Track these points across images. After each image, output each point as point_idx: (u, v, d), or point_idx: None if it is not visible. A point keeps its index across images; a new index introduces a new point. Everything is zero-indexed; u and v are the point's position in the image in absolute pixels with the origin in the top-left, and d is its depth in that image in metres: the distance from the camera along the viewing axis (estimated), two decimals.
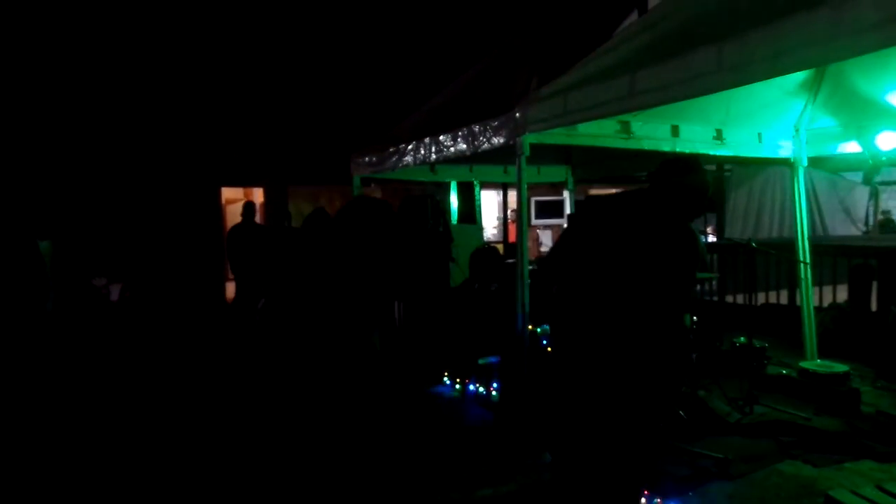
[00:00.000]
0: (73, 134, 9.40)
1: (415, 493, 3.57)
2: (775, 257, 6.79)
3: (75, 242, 9.00)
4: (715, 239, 8.89)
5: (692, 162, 2.68)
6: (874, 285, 6.64)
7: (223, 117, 10.44)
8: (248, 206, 8.33)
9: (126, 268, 9.29)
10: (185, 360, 6.91)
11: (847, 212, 8.92)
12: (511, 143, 4.23)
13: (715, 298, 8.00)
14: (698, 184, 2.58)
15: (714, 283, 7.77)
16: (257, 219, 8.63)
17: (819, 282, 6.83)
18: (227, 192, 11.76)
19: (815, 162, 5.94)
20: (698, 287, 7.03)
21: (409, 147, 5.70)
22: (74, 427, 4.84)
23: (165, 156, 10.05)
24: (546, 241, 13.37)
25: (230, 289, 10.05)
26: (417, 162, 5.65)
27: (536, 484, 3.68)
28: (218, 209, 11.11)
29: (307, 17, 10.71)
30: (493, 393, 5.01)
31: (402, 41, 11.02)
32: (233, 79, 10.41)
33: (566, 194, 8.01)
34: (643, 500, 2.82)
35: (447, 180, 9.22)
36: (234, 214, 11.17)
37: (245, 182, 11.62)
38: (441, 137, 5.16)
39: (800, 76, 4.76)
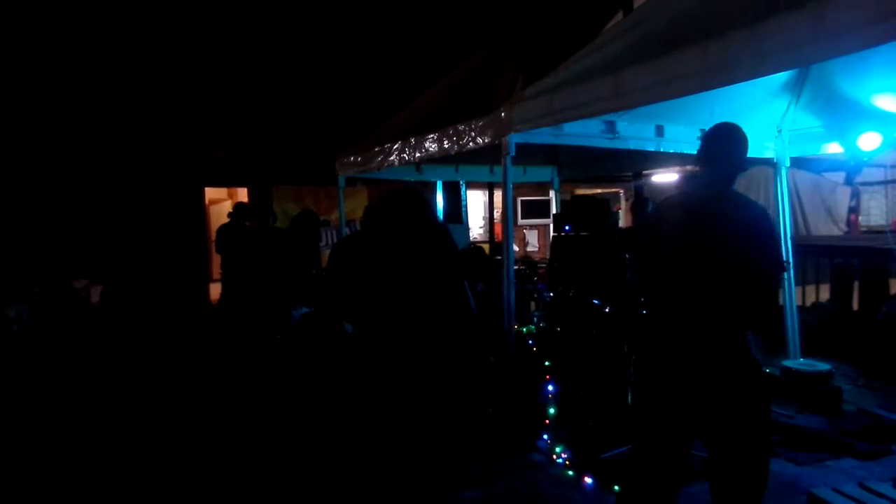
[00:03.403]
0: (52, 132, 9.26)
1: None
2: None
3: (55, 243, 8.89)
4: None
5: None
6: (856, 285, 6.71)
7: (207, 117, 10.34)
8: (239, 207, 8.29)
9: (107, 269, 9.16)
10: (168, 362, 6.83)
11: (829, 212, 9.00)
12: (497, 142, 4.22)
13: None
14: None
15: None
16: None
17: (802, 281, 6.89)
18: (211, 193, 11.65)
19: (797, 162, 5.99)
20: None
21: (395, 146, 5.67)
22: (52, 432, 4.77)
23: (148, 155, 9.93)
24: (532, 240, 13.40)
25: (214, 290, 9.97)
26: (403, 161, 5.62)
27: (524, 486, 3.67)
28: (201, 209, 11.00)
29: (293, 16, 10.64)
30: None
31: (387, 40, 10.98)
32: (217, 78, 10.31)
33: (552, 194, 8.02)
34: None
35: (433, 180, 9.20)
36: (217, 215, 11.08)
37: (229, 182, 11.52)
38: (427, 137, 5.13)
39: (783, 77, 4.80)
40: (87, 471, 4.01)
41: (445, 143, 4.89)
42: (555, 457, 3.95)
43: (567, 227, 5.29)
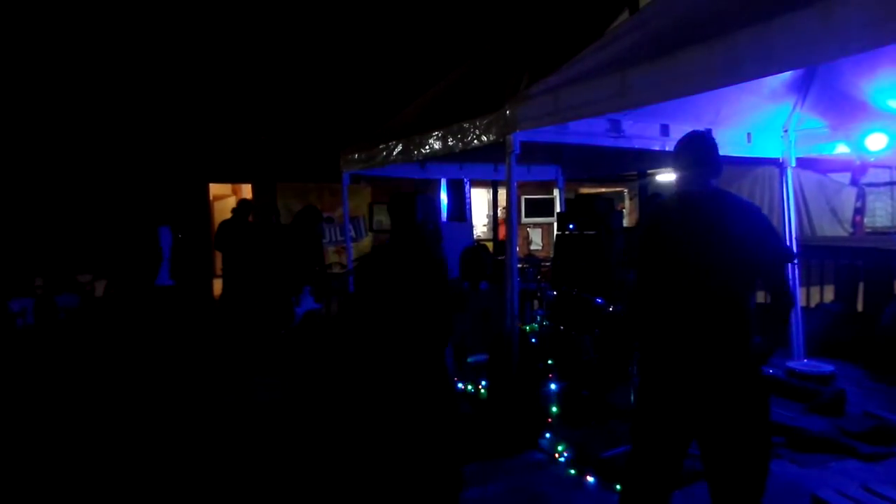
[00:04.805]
0: (57, 127, 9.28)
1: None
2: None
3: (60, 237, 8.91)
4: None
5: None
6: (860, 286, 6.68)
7: (212, 113, 10.35)
8: (242, 204, 8.29)
9: (112, 264, 9.18)
10: (171, 358, 6.85)
11: (834, 213, 8.96)
12: (501, 140, 4.21)
13: None
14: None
15: None
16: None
17: (806, 282, 6.86)
18: (215, 189, 11.66)
19: (803, 163, 5.96)
20: None
21: (399, 144, 5.66)
22: (55, 427, 4.78)
23: (153, 151, 9.94)
24: (536, 239, 13.37)
25: (218, 286, 9.97)
26: (407, 159, 5.62)
27: (525, 485, 3.67)
28: (206, 205, 11.01)
29: (298, 13, 10.63)
30: (482, 391, 5.00)
31: (392, 38, 10.97)
32: (221, 74, 10.32)
33: (556, 193, 8.01)
34: None
35: (437, 178, 9.20)
36: (221, 211, 11.09)
37: (233, 178, 11.53)
38: (431, 134, 5.13)
39: (789, 77, 4.78)
40: (90, 465, 4.02)
41: (450, 140, 4.89)
42: (557, 456, 3.94)
43: (571, 226, 5.29)
